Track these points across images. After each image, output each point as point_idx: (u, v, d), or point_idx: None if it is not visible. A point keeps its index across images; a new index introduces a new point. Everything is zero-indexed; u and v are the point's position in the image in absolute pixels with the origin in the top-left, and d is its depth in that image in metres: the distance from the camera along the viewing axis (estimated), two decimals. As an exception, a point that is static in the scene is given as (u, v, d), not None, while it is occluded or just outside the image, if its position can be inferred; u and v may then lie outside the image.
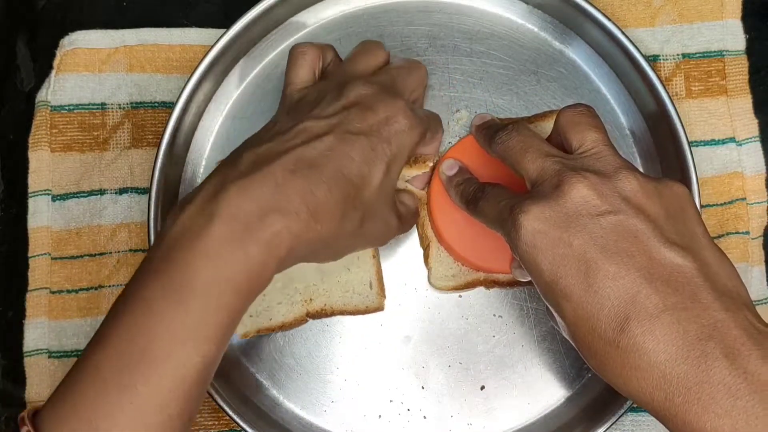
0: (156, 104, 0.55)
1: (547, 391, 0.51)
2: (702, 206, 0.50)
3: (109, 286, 0.53)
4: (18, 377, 0.52)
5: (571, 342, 0.39)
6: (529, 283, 0.51)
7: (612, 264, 0.36)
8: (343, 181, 0.39)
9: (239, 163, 0.38)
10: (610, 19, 0.52)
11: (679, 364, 0.34)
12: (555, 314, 0.39)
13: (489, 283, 0.52)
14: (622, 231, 0.37)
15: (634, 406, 0.50)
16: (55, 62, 0.55)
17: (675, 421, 0.34)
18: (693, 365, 0.34)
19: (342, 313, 0.51)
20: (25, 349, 0.52)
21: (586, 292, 0.36)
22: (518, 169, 0.43)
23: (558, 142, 0.44)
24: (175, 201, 0.53)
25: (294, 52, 0.47)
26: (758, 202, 0.54)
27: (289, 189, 0.37)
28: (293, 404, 0.51)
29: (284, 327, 0.51)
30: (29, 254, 0.54)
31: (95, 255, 0.54)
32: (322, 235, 0.38)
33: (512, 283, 0.52)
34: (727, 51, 0.56)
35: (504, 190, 0.44)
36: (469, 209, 0.47)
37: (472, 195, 0.46)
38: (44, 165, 0.54)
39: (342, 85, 0.43)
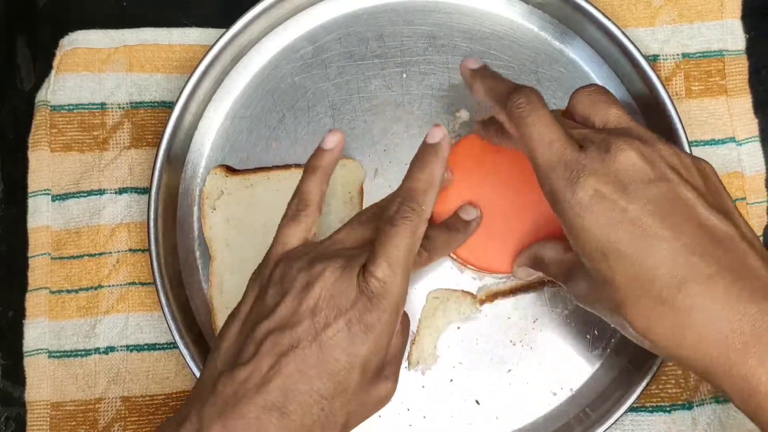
0: (156, 104, 0.55)
1: (547, 391, 0.51)
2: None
3: (109, 286, 0.53)
4: (18, 377, 0.52)
5: (608, 316, 0.40)
6: (524, 289, 0.51)
7: (666, 229, 0.37)
8: (313, 402, 0.38)
9: (215, 393, 0.38)
10: (610, 19, 0.52)
11: (737, 320, 0.35)
12: (600, 283, 0.39)
13: (490, 296, 0.52)
14: (672, 198, 0.38)
15: (634, 405, 0.50)
16: (55, 62, 0.55)
17: (730, 376, 0.36)
18: (749, 322, 0.35)
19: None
20: (25, 348, 0.52)
21: (642, 255, 0.37)
22: (545, 136, 0.40)
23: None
24: (175, 201, 0.53)
25: (287, 213, 0.44)
26: (758, 202, 0.54)
27: (263, 429, 0.37)
28: (293, 404, 0.51)
29: None
30: (29, 254, 0.54)
31: (95, 255, 0.54)
32: None
33: (514, 291, 0.52)
34: (726, 51, 0.56)
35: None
36: (511, 117, 0.42)
37: (515, 105, 0.42)
38: (44, 165, 0.54)
39: (310, 272, 0.40)
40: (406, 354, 0.49)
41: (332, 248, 0.42)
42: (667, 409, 0.51)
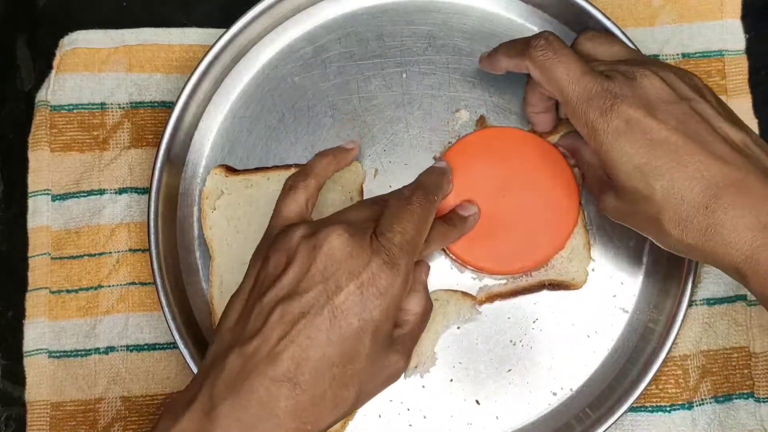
0: (156, 104, 0.55)
1: (547, 391, 0.51)
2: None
3: (109, 286, 0.53)
4: (18, 377, 0.52)
5: (642, 226, 0.44)
6: (524, 291, 0.52)
7: (696, 144, 0.41)
8: (325, 369, 0.38)
9: (225, 368, 0.38)
10: (610, 19, 0.52)
11: (765, 215, 0.39)
12: (636, 199, 0.42)
13: (490, 298, 0.52)
14: (696, 115, 0.42)
15: (634, 405, 0.50)
16: (55, 62, 0.55)
17: (756, 272, 0.39)
18: None
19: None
20: (25, 348, 0.52)
21: (679, 169, 0.40)
22: (567, 73, 0.44)
23: None
24: (175, 201, 0.53)
25: (286, 185, 0.45)
26: (758, 202, 0.54)
27: (274, 403, 0.37)
28: (293, 404, 0.51)
29: None
30: (29, 254, 0.54)
31: (95, 255, 0.54)
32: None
33: (513, 293, 0.52)
34: (726, 51, 0.56)
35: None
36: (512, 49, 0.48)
37: (537, 49, 0.45)
38: (44, 165, 0.54)
39: (316, 236, 0.40)
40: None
41: (335, 218, 0.42)
42: (667, 409, 0.51)
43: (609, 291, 0.52)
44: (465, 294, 0.51)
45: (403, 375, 0.50)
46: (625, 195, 0.43)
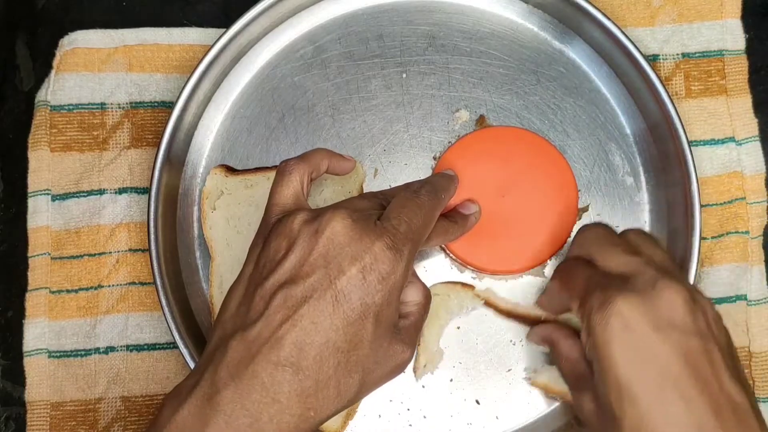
0: (155, 104, 0.55)
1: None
2: (702, 206, 0.50)
3: (109, 286, 0.53)
4: (18, 377, 0.52)
5: None
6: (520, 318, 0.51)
7: (690, 386, 0.36)
8: (328, 354, 0.37)
9: (227, 354, 0.37)
10: (610, 19, 0.52)
11: None
12: (596, 410, 0.39)
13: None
14: (703, 355, 0.37)
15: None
16: (55, 62, 0.55)
17: None
18: None
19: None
20: (25, 348, 0.52)
21: (659, 406, 0.36)
22: (605, 261, 0.42)
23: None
24: (175, 201, 0.53)
25: (280, 169, 0.44)
26: (758, 202, 0.54)
27: (277, 389, 0.37)
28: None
29: None
30: (29, 254, 0.54)
31: (95, 255, 0.54)
32: (318, 419, 0.38)
33: (509, 315, 0.52)
34: (726, 50, 0.56)
35: (595, 269, 0.42)
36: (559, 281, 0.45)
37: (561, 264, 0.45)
38: (44, 165, 0.54)
39: (318, 220, 0.40)
40: (411, 363, 0.48)
41: (338, 204, 0.41)
42: (667, 409, 0.51)
43: (609, 291, 0.52)
44: (465, 285, 0.51)
45: (413, 373, 0.50)
46: (597, 399, 0.40)
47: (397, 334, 0.41)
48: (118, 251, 0.54)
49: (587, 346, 0.40)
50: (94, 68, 0.56)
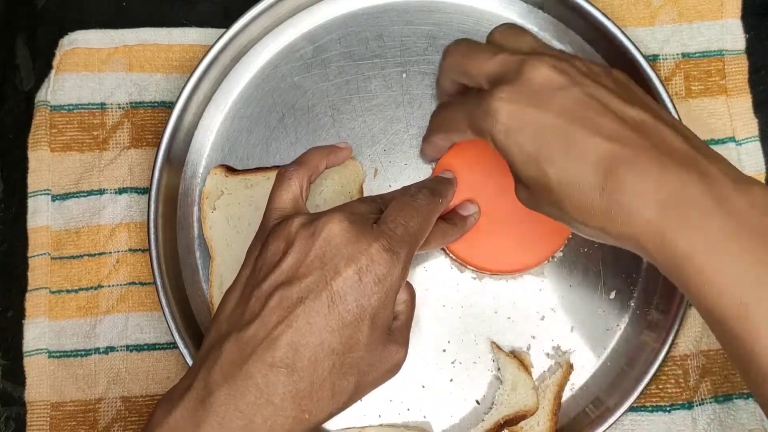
0: (155, 104, 0.55)
1: (547, 391, 0.51)
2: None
3: (109, 286, 0.53)
4: (18, 377, 0.52)
5: (552, 213, 0.41)
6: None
7: (585, 127, 0.39)
8: (323, 356, 0.37)
9: (221, 355, 0.38)
10: (610, 19, 0.52)
11: (661, 192, 0.37)
12: (538, 189, 0.41)
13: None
14: (587, 99, 0.40)
15: (634, 405, 0.50)
16: (55, 62, 0.55)
17: (655, 243, 0.37)
18: (671, 191, 0.37)
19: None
20: (25, 348, 0.52)
21: (568, 154, 0.39)
22: (474, 74, 0.43)
23: None
24: (175, 201, 0.53)
25: (279, 175, 0.44)
26: (758, 202, 0.54)
27: (271, 390, 0.37)
28: (293, 404, 0.51)
29: None
30: (29, 254, 0.54)
31: (95, 255, 0.54)
32: (313, 422, 0.38)
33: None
34: (726, 50, 0.56)
35: (466, 95, 0.45)
36: (439, 129, 0.48)
37: (436, 114, 0.48)
38: (44, 165, 0.54)
39: (315, 223, 0.40)
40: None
41: (335, 208, 0.42)
42: (667, 408, 0.51)
43: (608, 291, 0.52)
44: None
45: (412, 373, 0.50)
46: (528, 186, 0.42)
47: (391, 335, 0.41)
48: (118, 251, 0.54)
49: (496, 150, 0.41)
50: (94, 68, 0.56)
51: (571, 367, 0.51)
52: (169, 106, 0.55)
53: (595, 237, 0.40)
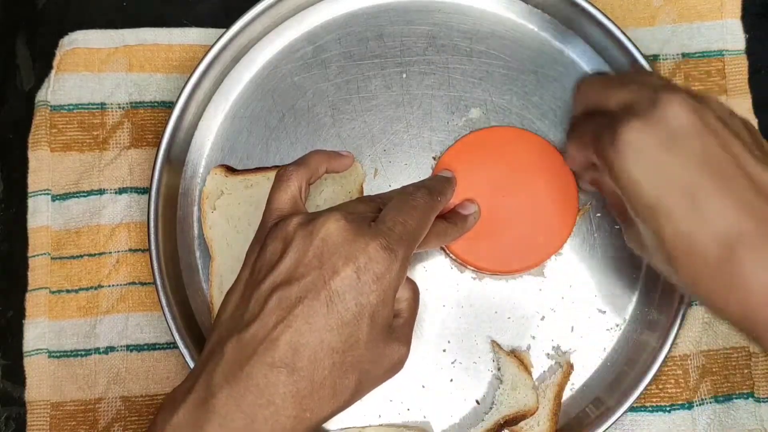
0: (155, 104, 0.55)
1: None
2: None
3: (109, 286, 0.53)
4: (18, 377, 0.52)
5: (659, 266, 0.40)
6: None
7: (716, 185, 0.36)
8: (323, 355, 0.37)
9: (223, 357, 0.38)
10: (610, 19, 0.52)
11: None
12: (644, 234, 0.39)
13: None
14: (721, 153, 0.37)
15: (634, 405, 0.50)
16: (55, 62, 0.56)
17: None
18: None
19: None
20: (25, 348, 0.52)
21: (690, 213, 0.37)
22: (604, 103, 0.42)
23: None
24: (175, 201, 0.53)
25: (278, 175, 0.44)
26: (758, 202, 0.54)
27: (271, 390, 0.37)
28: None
29: None
30: (29, 254, 0.54)
31: (95, 254, 0.54)
32: (315, 421, 0.38)
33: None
34: (726, 51, 0.56)
35: (599, 116, 0.43)
36: (571, 141, 0.47)
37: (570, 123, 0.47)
38: (44, 165, 0.54)
39: (313, 223, 0.40)
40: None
41: (333, 208, 0.42)
42: (667, 409, 0.51)
43: (608, 291, 0.52)
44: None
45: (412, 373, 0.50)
46: (639, 231, 0.41)
47: (392, 333, 0.41)
48: (118, 251, 0.54)
49: (614, 185, 0.40)
50: (94, 68, 0.56)
51: (571, 367, 0.51)
52: (169, 106, 0.55)
53: (702, 303, 0.40)
